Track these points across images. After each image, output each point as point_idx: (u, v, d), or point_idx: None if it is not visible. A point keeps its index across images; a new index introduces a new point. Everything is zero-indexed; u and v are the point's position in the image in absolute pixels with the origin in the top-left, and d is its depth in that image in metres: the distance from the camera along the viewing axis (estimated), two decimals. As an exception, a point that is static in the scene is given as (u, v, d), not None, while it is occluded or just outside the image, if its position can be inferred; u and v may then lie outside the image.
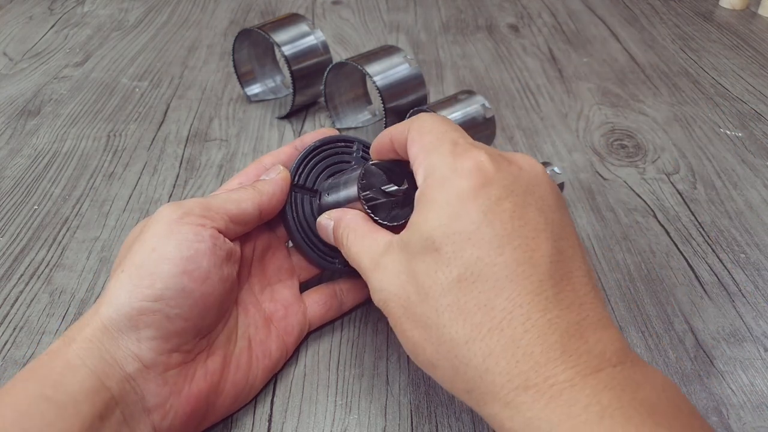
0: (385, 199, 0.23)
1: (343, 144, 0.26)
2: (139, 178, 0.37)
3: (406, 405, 0.24)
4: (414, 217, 0.19)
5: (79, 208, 0.35)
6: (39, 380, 0.18)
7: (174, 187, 0.37)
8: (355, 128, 0.42)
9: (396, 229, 0.21)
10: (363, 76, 0.42)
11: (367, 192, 0.23)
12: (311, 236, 0.25)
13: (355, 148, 0.26)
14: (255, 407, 0.24)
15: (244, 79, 0.45)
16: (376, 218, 0.22)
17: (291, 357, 0.26)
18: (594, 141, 0.41)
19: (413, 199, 0.24)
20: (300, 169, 0.25)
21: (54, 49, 0.54)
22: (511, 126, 0.43)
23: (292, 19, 0.41)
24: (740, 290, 0.29)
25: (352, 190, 0.23)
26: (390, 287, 0.19)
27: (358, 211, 0.23)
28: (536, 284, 0.16)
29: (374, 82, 0.36)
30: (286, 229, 0.25)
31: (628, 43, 0.56)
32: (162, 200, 0.35)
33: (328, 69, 0.39)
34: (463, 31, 0.58)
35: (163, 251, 0.20)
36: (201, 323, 0.21)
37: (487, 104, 0.37)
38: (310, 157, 0.25)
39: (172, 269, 0.20)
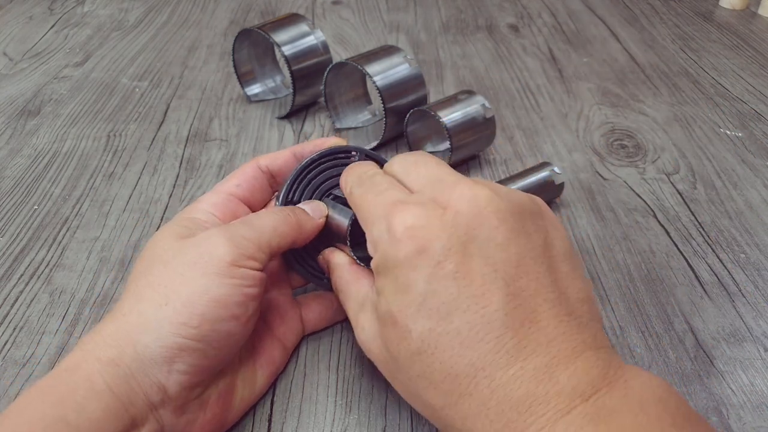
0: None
1: (342, 155, 0.25)
2: (139, 178, 0.37)
3: (406, 405, 0.24)
4: (377, 285, 0.19)
5: (79, 208, 0.35)
6: (59, 402, 0.17)
7: (174, 187, 0.37)
8: (355, 128, 0.42)
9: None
10: (363, 76, 0.42)
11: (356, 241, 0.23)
12: (302, 252, 0.25)
13: (355, 157, 0.26)
14: (255, 407, 0.24)
15: (244, 79, 0.45)
16: (356, 259, 0.23)
17: (291, 357, 0.26)
18: (594, 141, 0.41)
19: None
20: (294, 186, 0.25)
21: (54, 49, 0.54)
22: (511, 126, 0.43)
23: (292, 19, 0.41)
24: (740, 290, 0.29)
25: (344, 220, 0.23)
26: (371, 347, 0.19)
27: (344, 255, 0.23)
28: (493, 342, 0.16)
29: (374, 82, 0.36)
30: None
31: (628, 43, 0.56)
32: (162, 200, 0.35)
33: (328, 69, 0.39)
34: (463, 31, 0.58)
35: (214, 295, 0.19)
36: (232, 357, 0.21)
37: (487, 104, 0.37)
38: (306, 171, 0.25)
39: (221, 314, 0.19)
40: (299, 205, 0.24)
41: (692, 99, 0.46)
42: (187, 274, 0.19)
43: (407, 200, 0.19)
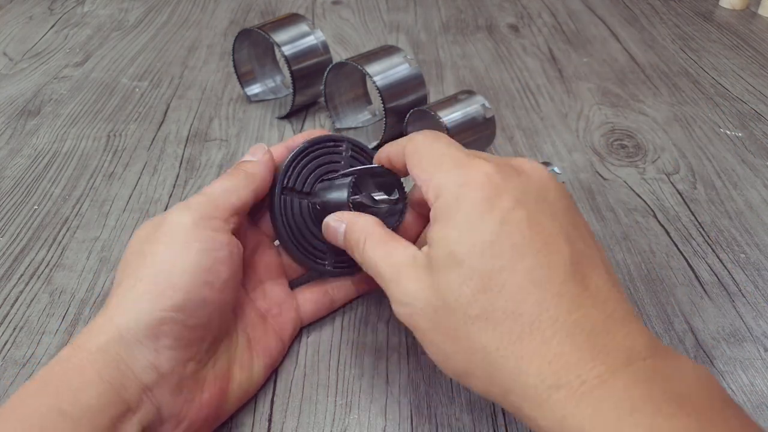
0: (373, 206, 0.23)
1: (332, 144, 0.26)
2: (139, 178, 0.37)
3: (406, 405, 0.24)
4: (434, 234, 0.19)
5: (79, 208, 0.35)
6: (54, 393, 0.17)
7: (174, 187, 0.37)
8: (355, 128, 0.42)
9: None
10: (363, 76, 0.42)
11: (356, 196, 0.23)
12: (300, 238, 0.25)
13: (344, 147, 0.26)
14: (255, 407, 0.24)
15: (244, 79, 0.45)
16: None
17: (291, 357, 0.26)
18: (594, 141, 0.41)
19: (399, 210, 0.24)
20: (289, 171, 0.25)
21: (54, 49, 0.54)
22: (511, 126, 0.43)
23: (292, 19, 0.41)
24: (740, 290, 0.29)
25: (342, 194, 0.23)
26: (416, 302, 0.19)
27: (372, 216, 0.22)
28: (559, 286, 0.17)
29: (374, 82, 0.36)
30: (276, 231, 0.25)
31: (628, 43, 0.56)
32: (162, 200, 0.35)
33: (328, 69, 0.39)
34: (463, 31, 0.58)
35: (182, 263, 0.20)
36: (218, 330, 0.21)
37: (487, 104, 0.37)
38: (299, 158, 0.25)
39: (192, 280, 0.20)
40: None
41: (692, 99, 0.46)
42: (156, 251, 0.20)
43: (479, 155, 0.19)
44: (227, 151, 0.40)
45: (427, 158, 0.20)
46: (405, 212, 0.25)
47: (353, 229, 0.22)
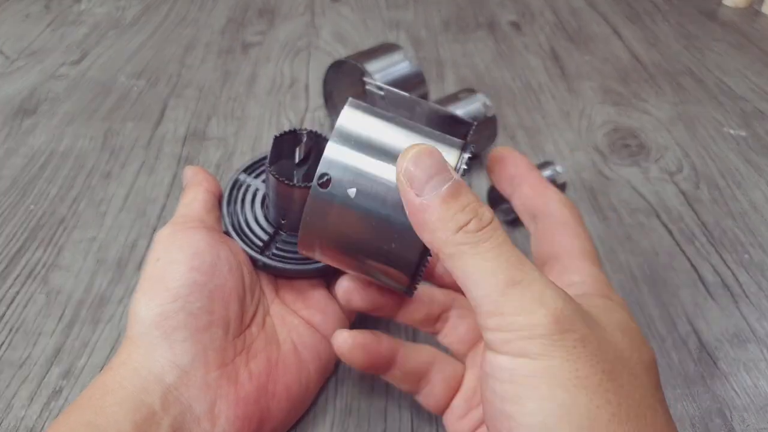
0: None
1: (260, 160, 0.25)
2: (137, 177, 0.37)
3: (407, 408, 0.23)
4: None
5: (76, 208, 0.34)
6: (81, 409, 0.18)
7: (171, 186, 0.36)
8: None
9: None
10: (363, 74, 0.42)
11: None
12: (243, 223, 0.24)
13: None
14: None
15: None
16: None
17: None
18: (597, 140, 0.41)
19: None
20: (230, 210, 0.24)
21: (50, 48, 0.54)
22: (513, 125, 0.42)
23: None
24: (744, 291, 0.29)
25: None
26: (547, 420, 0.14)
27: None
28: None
29: (374, 81, 0.36)
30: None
31: (631, 42, 0.55)
32: (159, 200, 0.35)
33: (327, 67, 0.39)
34: (463, 29, 0.58)
35: (166, 257, 0.21)
36: (226, 315, 0.21)
37: (488, 102, 0.36)
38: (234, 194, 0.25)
39: (179, 268, 0.20)
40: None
41: (696, 98, 0.46)
42: (147, 263, 0.21)
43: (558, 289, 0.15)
44: (225, 150, 0.40)
45: (573, 243, 0.19)
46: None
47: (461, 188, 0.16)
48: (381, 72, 0.36)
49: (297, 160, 0.24)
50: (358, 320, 0.26)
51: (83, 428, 0.17)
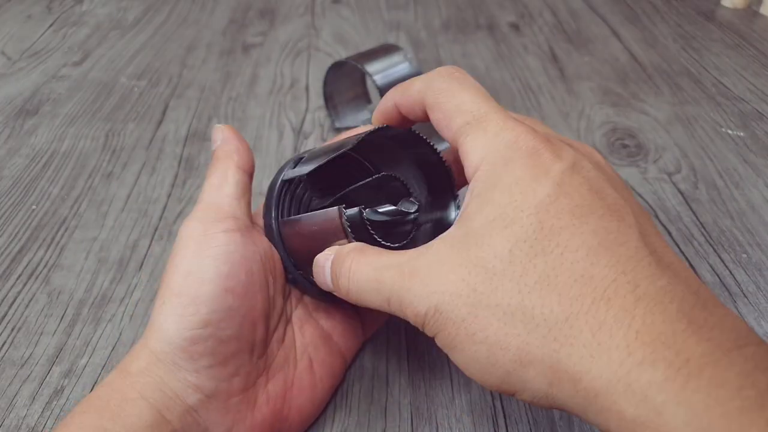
0: (378, 219, 0.20)
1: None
2: (138, 177, 0.37)
3: (407, 406, 0.23)
4: (472, 206, 0.16)
5: (78, 208, 0.35)
6: (96, 412, 0.17)
7: (173, 186, 0.36)
8: (355, 127, 0.42)
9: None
10: (363, 75, 0.42)
11: (351, 211, 0.19)
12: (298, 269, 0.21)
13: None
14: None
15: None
16: (380, 241, 0.19)
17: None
18: (595, 141, 0.41)
19: (413, 221, 0.20)
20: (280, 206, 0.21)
21: (52, 49, 0.54)
22: (512, 125, 0.43)
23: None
24: (742, 291, 0.29)
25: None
26: (442, 287, 0.15)
27: (360, 242, 0.19)
28: (633, 250, 0.14)
29: (374, 81, 0.36)
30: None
31: (630, 42, 0.55)
32: (161, 200, 0.35)
33: (327, 68, 0.39)
34: (463, 30, 0.58)
35: (199, 273, 0.18)
36: (253, 338, 0.20)
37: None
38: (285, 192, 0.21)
39: (213, 290, 0.18)
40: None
41: (694, 98, 0.46)
42: (175, 268, 0.19)
43: (523, 117, 0.17)
44: (226, 151, 0.40)
45: (462, 119, 0.17)
46: (420, 224, 0.21)
47: (339, 255, 0.18)
48: (381, 73, 0.37)
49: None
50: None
51: None
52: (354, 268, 0.18)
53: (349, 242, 0.19)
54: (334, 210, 0.19)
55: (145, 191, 0.36)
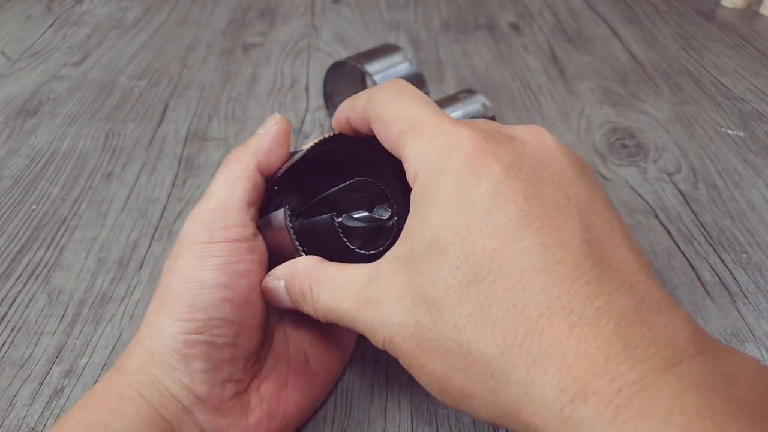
0: (350, 227, 0.20)
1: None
2: (138, 177, 0.37)
3: (406, 406, 0.23)
4: (412, 222, 0.15)
5: (78, 208, 0.35)
6: (95, 407, 0.17)
7: (173, 186, 0.36)
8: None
9: (373, 259, 0.17)
10: (363, 75, 0.42)
11: (307, 220, 0.19)
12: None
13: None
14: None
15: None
16: (348, 244, 0.19)
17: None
18: (595, 140, 0.41)
19: (392, 227, 0.20)
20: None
21: (52, 48, 0.54)
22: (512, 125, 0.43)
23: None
24: (742, 291, 0.29)
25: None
26: (392, 319, 0.15)
27: (312, 256, 0.19)
28: (571, 267, 0.13)
29: (374, 81, 0.36)
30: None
31: (630, 42, 0.55)
32: (161, 200, 0.35)
33: (327, 68, 0.39)
34: (463, 30, 0.58)
35: (198, 280, 0.18)
36: (249, 347, 0.19)
37: (487, 103, 0.37)
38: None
39: (211, 299, 0.18)
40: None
41: (694, 98, 0.46)
42: (176, 270, 0.19)
43: (464, 122, 0.16)
44: (226, 151, 0.40)
45: (398, 127, 0.16)
46: (400, 229, 0.20)
47: (293, 280, 0.18)
48: (381, 73, 0.37)
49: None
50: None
51: (99, 428, 0.17)
52: (315, 297, 0.18)
53: (296, 253, 0.19)
54: (280, 212, 0.19)
55: (145, 191, 0.36)
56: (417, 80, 0.38)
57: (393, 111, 0.17)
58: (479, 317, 0.13)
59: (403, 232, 0.16)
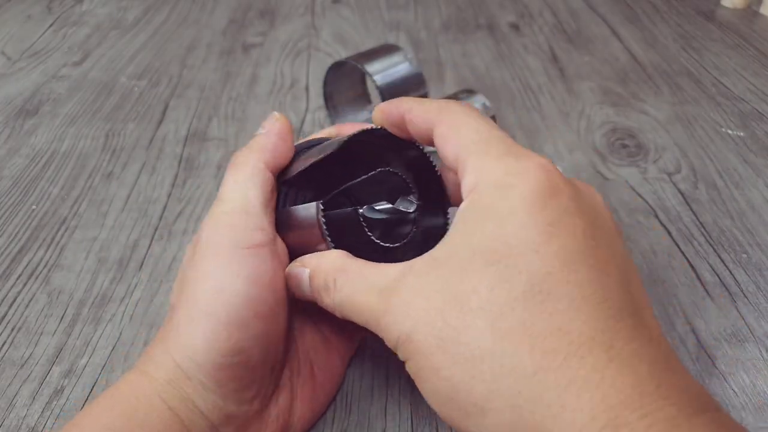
0: (381, 217, 0.20)
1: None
2: (138, 177, 0.37)
3: (406, 406, 0.23)
4: (460, 229, 0.16)
5: (78, 208, 0.35)
6: (122, 415, 0.17)
7: (173, 186, 0.36)
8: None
9: (397, 253, 0.18)
10: (363, 75, 0.42)
11: (334, 212, 0.19)
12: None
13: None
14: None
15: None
16: (372, 237, 0.18)
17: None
18: (595, 141, 0.41)
19: (412, 220, 0.20)
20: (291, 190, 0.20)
21: (52, 48, 0.54)
22: (512, 125, 0.43)
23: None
24: (742, 290, 0.29)
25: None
26: (417, 313, 0.15)
27: (340, 250, 0.18)
28: (614, 310, 0.14)
29: (374, 81, 0.36)
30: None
31: (630, 42, 0.55)
32: (161, 200, 0.35)
33: (327, 68, 0.39)
34: (463, 30, 0.58)
35: (231, 294, 0.17)
36: (275, 359, 0.19)
37: (488, 103, 0.37)
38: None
39: (246, 316, 0.17)
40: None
41: (694, 98, 0.46)
42: (204, 279, 0.18)
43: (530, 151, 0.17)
44: (226, 151, 0.40)
45: (469, 136, 0.17)
46: (419, 222, 0.20)
47: (318, 270, 0.18)
48: (381, 73, 0.37)
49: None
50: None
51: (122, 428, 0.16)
52: (339, 287, 0.17)
53: (327, 247, 0.18)
54: (312, 205, 0.18)
55: (145, 191, 0.36)
56: (417, 80, 0.38)
57: (465, 120, 0.17)
58: (520, 332, 0.13)
59: (445, 239, 0.16)
